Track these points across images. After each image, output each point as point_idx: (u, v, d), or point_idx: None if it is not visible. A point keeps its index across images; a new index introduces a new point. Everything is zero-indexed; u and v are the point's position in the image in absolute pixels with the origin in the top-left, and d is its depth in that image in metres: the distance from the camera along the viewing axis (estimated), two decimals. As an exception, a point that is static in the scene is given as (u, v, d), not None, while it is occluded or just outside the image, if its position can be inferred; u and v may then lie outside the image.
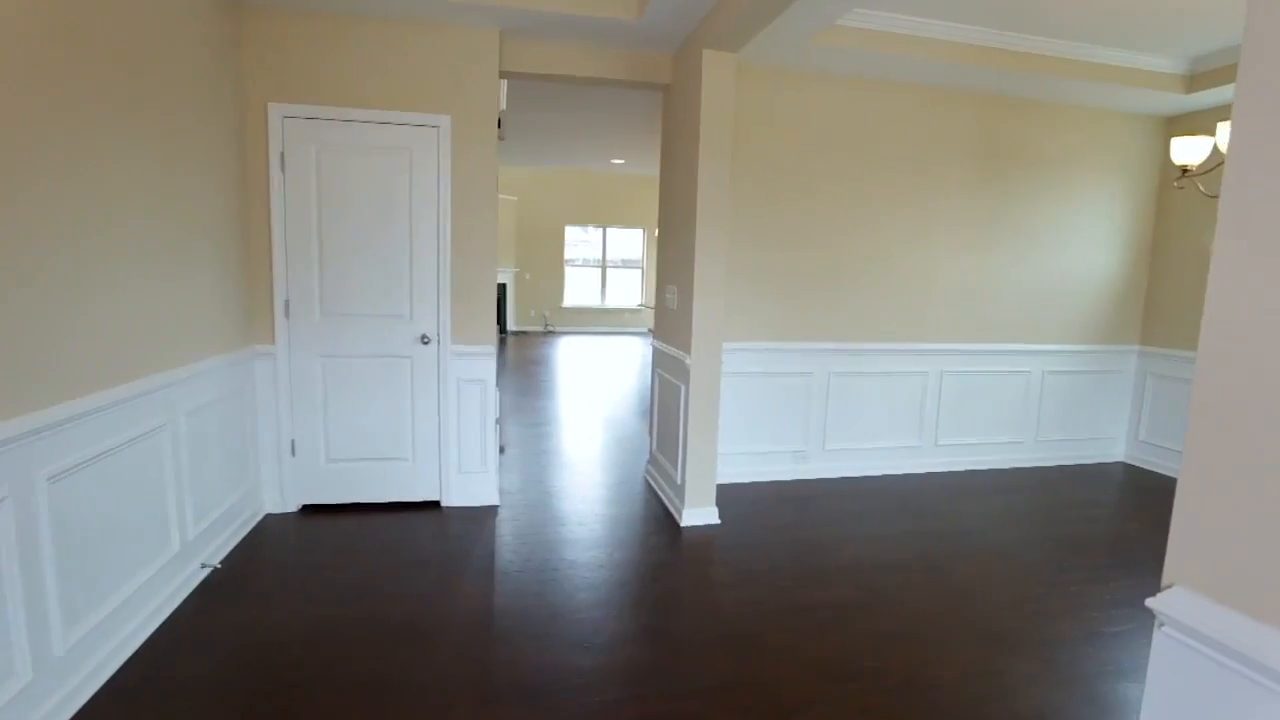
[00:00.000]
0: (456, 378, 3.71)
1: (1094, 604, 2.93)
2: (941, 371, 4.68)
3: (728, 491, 4.14)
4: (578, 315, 13.70)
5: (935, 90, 4.37)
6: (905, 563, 3.28)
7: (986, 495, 4.33)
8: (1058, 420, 5.02)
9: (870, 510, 3.97)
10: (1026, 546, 3.54)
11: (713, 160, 3.38)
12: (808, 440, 4.47)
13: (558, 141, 8.24)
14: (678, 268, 3.74)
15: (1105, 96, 4.46)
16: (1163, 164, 4.94)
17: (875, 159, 4.34)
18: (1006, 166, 4.61)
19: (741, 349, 4.23)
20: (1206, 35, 3.89)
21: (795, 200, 4.23)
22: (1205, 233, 4.68)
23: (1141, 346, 5.09)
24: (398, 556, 3.16)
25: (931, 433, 4.74)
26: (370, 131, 3.44)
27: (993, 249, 4.68)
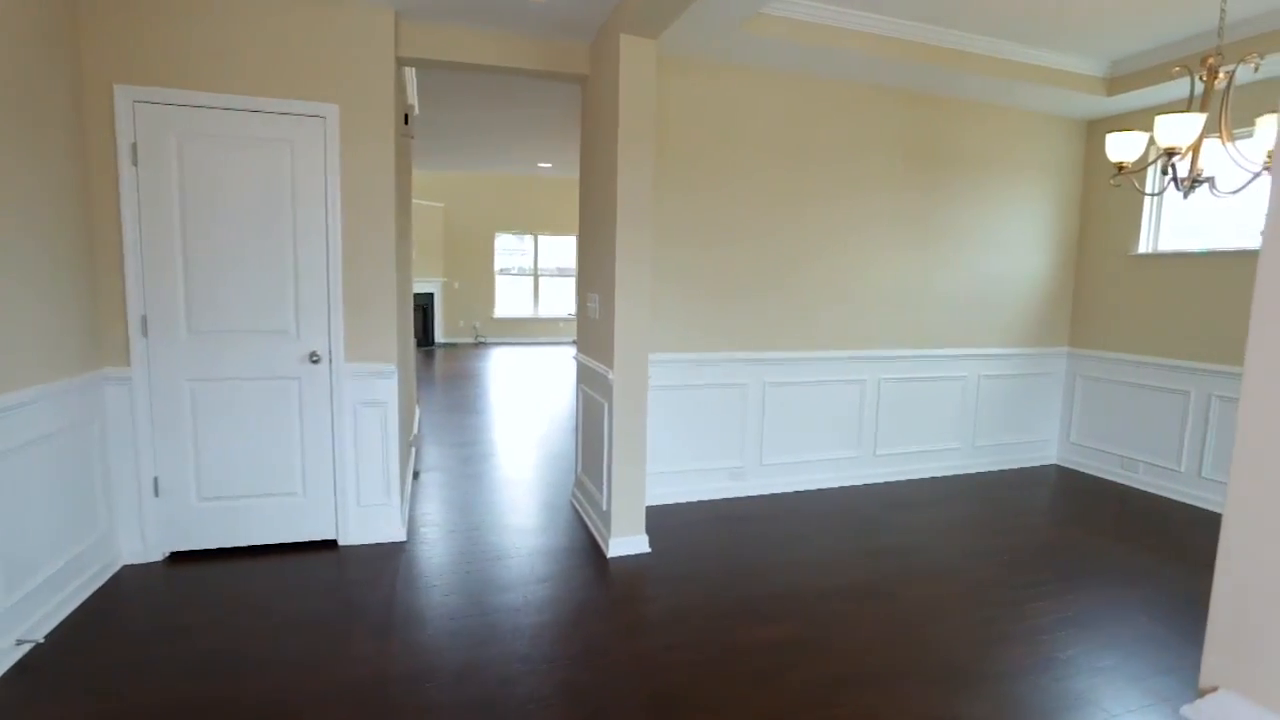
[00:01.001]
0: (353, 400, 3.29)
1: (1045, 625, 2.77)
2: (879, 379, 4.54)
3: (660, 514, 3.85)
4: (510, 325, 13.24)
5: (866, 88, 4.23)
6: (850, 589, 3.06)
7: (928, 506, 4.19)
8: (993, 425, 4.96)
9: (811, 530, 3.75)
10: (972, 561, 3.38)
11: (633, 155, 3.10)
12: (744, 455, 4.23)
13: (480, 144, 7.84)
14: (599, 274, 3.43)
15: (1031, 98, 4.42)
16: (1086, 167, 4.96)
17: (809, 160, 4.16)
18: (937, 167, 4.51)
19: (671, 360, 3.95)
20: (1126, 38, 3.87)
21: (726, 203, 3.99)
22: (1127, 234, 4.71)
23: (1070, 348, 5.10)
24: (278, 611, 2.72)
25: (870, 442, 4.58)
26: (244, 121, 3.00)
27: (927, 252, 4.57)
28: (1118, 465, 4.77)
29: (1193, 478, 4.33)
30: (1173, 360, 4.42)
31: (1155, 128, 2.54)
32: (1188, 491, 4.35)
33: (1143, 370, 4.60)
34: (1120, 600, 3.00)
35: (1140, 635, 2.72)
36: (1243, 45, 3.49)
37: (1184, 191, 2.69)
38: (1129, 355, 4.69)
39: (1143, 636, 2.71)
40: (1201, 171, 2.67)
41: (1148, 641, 2.67)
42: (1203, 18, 3.53)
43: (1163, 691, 2.35)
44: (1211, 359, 4.22)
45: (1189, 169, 2.67)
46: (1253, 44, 3.49)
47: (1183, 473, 4.38)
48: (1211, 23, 3.57)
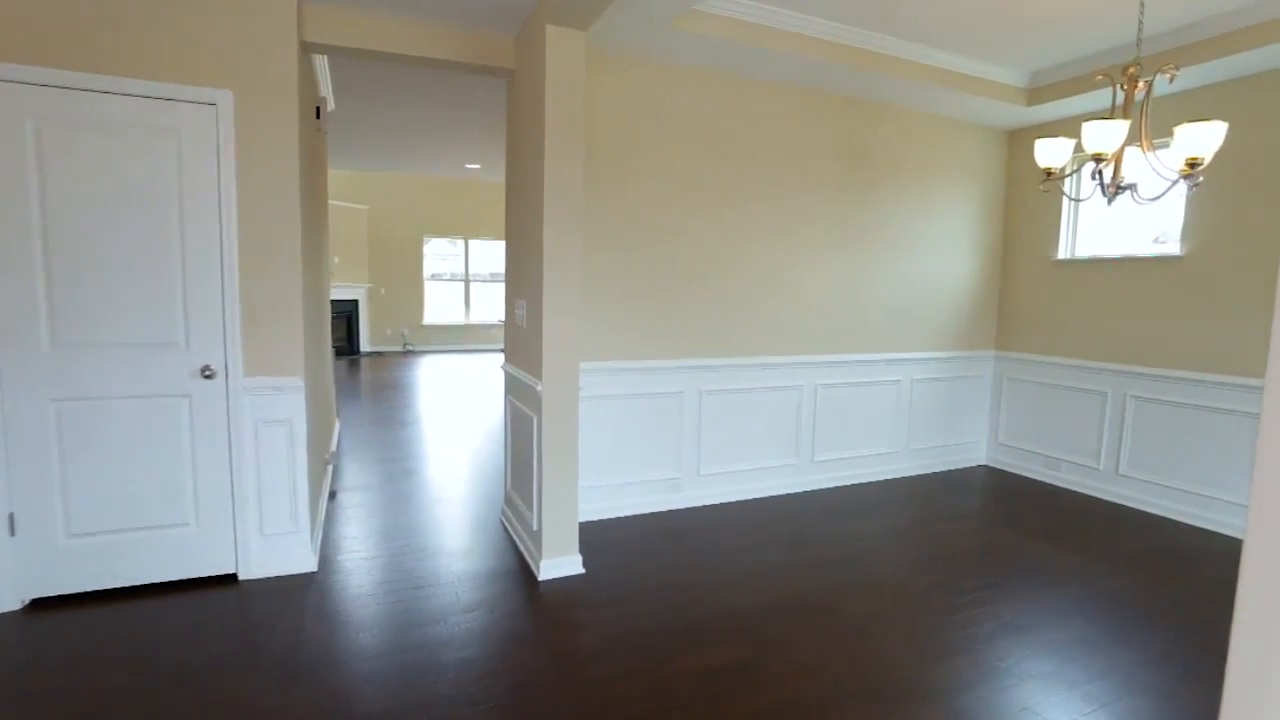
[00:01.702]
0: (254, 418, 2.97)
1: (984, 633, 2.74)
2: (816, 385, 4.50)
3: (594, 531, 3.67)
4: (440, 333, 12.78)
5: (799, 90, 4.19)
6: (790, 605, 2.96)
7: (866, 513, 4.16)
8: (926, 428, 5.02)
9: (751, 542, 3.65)
10: (911, 569, 3.35)
11: (561, 152, 2.92)
12: (681, 466, 4.11)
13: (403, 143, 7.48)
14: (526, 279, 3.23)
15: (957, 106, 4.49)
16: (1008, 174, 5.10)
17: (743, 163, 4.08)
18: (869, 172, 4.52)
19: (604, 369, 3.79)
20: (1045, 50, 3.97)
21: (659, 205, 3.87)
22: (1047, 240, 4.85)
23: (997, 351, 5.22)
24: (163, 661, 2.40)
25: (809, 449, 4.54)
26: (119, 106, 2.66)
27: (860, 256, 4.58)
28: (1042, 464, 4.90)
29: (1111, 475, 4.47)
30: (1091, 362, 4.57)
31: (1082, 134, 2.56)
32: (1107, 488, 4.49)
33: (1064, 372, 4.74)
34: (1054, 602, 3.02)
35: (1075, 637, 2.73)
36: (1158, 58, 3.62)
37: (1109, 198, 2.72)
38: (1051, 357, 4.83)
39: (1078, 639, 2.72)
40: (1124, 178, 2.72)
41: (1083, 644, 2.68)
42: (1118, 32, 3.64)
43: (1102, 697, 2.34)
44: (1126, 360, 4.38)
45: (1112, 176, 2.70)
46: (1168, 57, 3.62)
47: (1102, 470, 4.52)
48: (1125, 37, 3.69)
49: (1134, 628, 2.82)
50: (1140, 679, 2.45)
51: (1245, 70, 3.64)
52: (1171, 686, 2.41)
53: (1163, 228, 4.32)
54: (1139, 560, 3.51)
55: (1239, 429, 3.85)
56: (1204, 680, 2.44)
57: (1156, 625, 2.84)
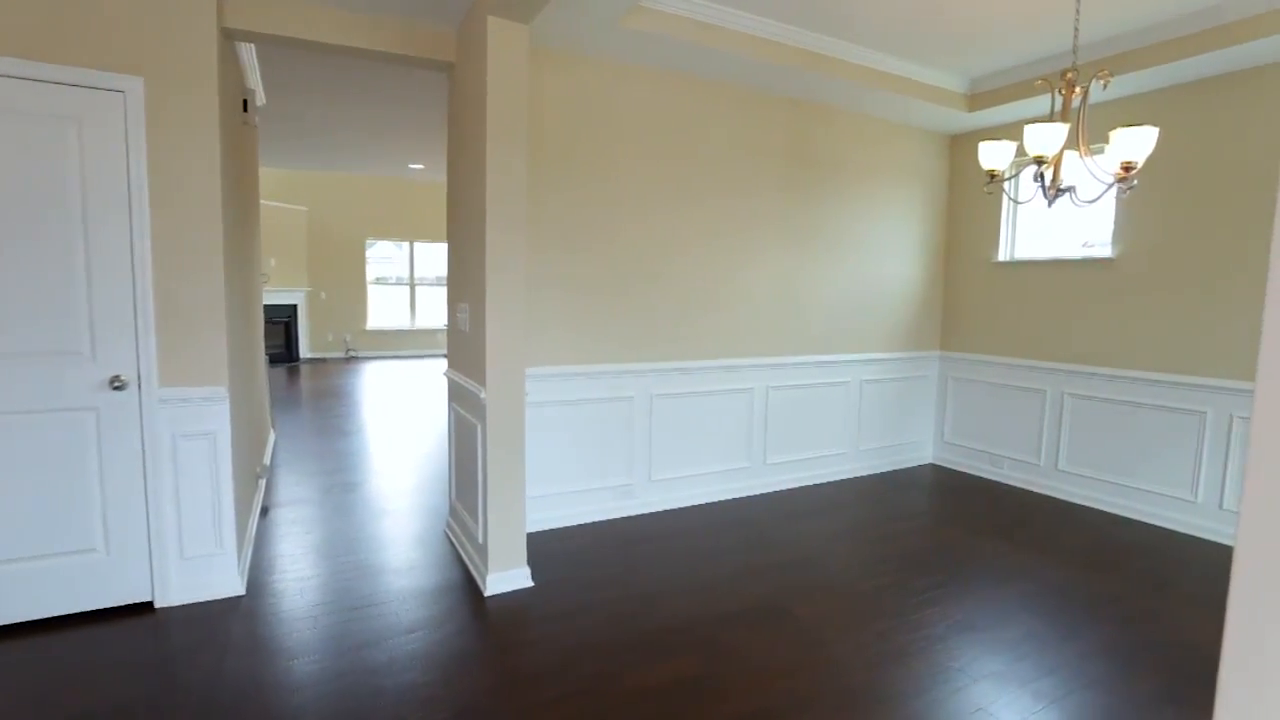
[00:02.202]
0: (172, 432, 2.75)
1: (937, 633, 2.74)
2: (767, 387, 4.49)
3: (544, 541, 3.56)
4: (384, 338, 12.39)
5: (748, 90, 4.17)
6: (746, 611, 2.91)
7: (819, 515, 4.16)
8: (875, 428, 5.07)
9: (704, 548, 3.59)
10: (864, 570, 3.34)
11: (504, 151, 2.81)
12: (632, 472, 4.02)
13: (343, 141, 7.20)
14: (468, 282, 3.10)
15: (901, 110, 4.55)
16: (950, 178, 5.20)
17: (692, 164, 4.03)
18: (817, 174, 4.54)
19: (552, 374, 3.68)
20: (985, 57, 4.05)
21: (608, 206, 3.78)
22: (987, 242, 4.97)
23: (942, 352, 5.31)
24: (64, 706, 2.17)
25: (761, 452, 4.52)
26: (8, 90, 2.42)
27: (810, 258, 4.59)
28: (986, 462, 5.00)
29: (1051, 470, 4.59)
30: (1030, 361, 4.69)
31: (1024, 136, 2.59)
32: (1047, 484, 4.61)
33: (1005, 371, 4.86)
34: (1002, 599, 3.05)
35: (1024, 634, 2.76)
36: (1094, 66, 3.72)
37: (1049, 199, 2.77)
38: (993, 357, 4.94)
39: (1026, 635, 2.75)
40: (1063, 181, 2.77)
41: (1031, 640, 2.70)
42: (1055, 42, 3.74)
43: (1051, 693, 2.36)
44: (1063, 359, 4.51)
45: (1052, 178, 2.75)
46: (1103, 65, 3.73)
47: (1042, 466, 4.64)
48: (1062, 45, 3.79)
49: (1078, 621, 2.87)
50: (1087, 672, 2.48)
51: (1173, 79, 3.79)
52: (1116, 679, 2.45)
53: (1091, 233, 4.47)
54: (1079, 553, 3.60)
55: (1167, 424, 3.99)
56: (1148, 671, 2.49)
57: (1099, 618, 2.90)
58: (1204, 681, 2.44)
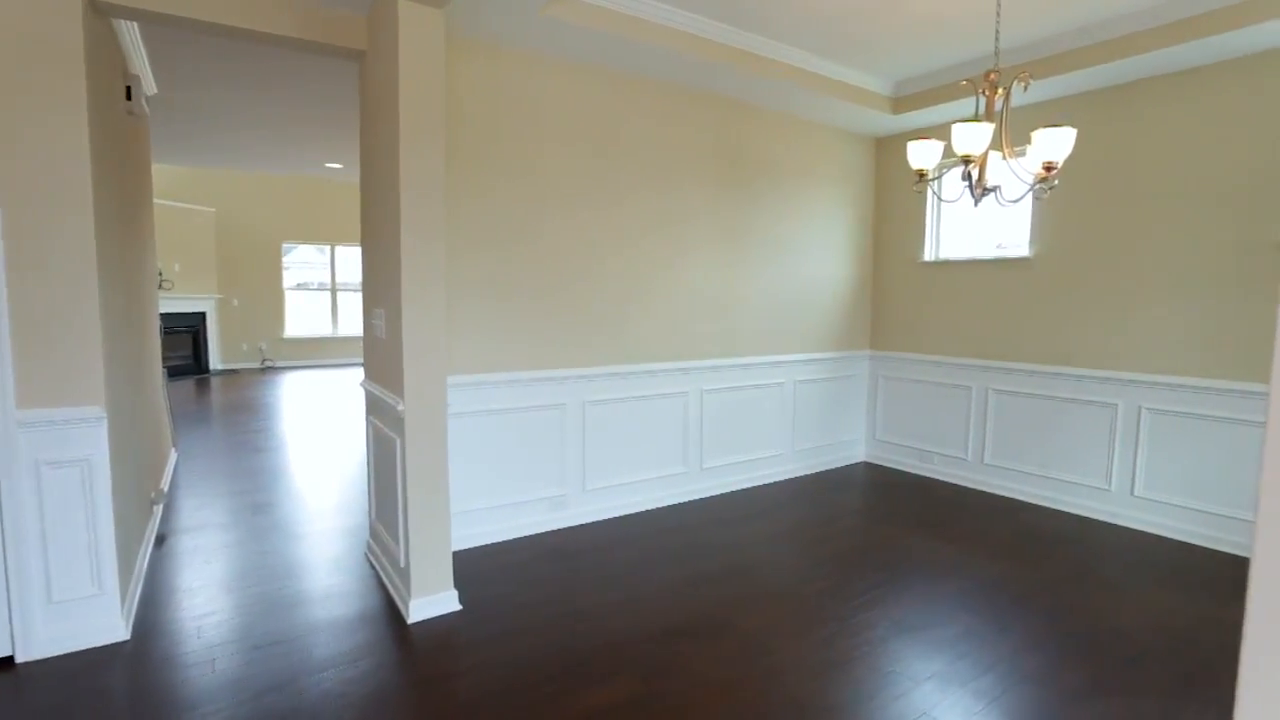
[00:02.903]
0: (34, 459, 2.42)
1: (878, 636, 2.71)
2: (702, 390, 4.41)
3: (473, 560, 3.36)
4: (304, 347, 11.76)
5: (678, 89, 4.09)
6: (688, 624, 2.80)
7: (756, 518, 4.11)
8: (810, 428, 5.08)
9: (641, 559, 3.47)
10: (804, 574, 3.30)
11: (419, 141, 2.61)
12: (565, 482, 3.87)
13: (250, 137, 6.73)
14: (384, 286, 2.88)
15: (829, 112, 4.57)
16: (877, 181, 5.28)
17: (622, 163, 3.91)
18: (749, 175, 4.51)
19: (478, 383, 3.48)
20: (908, 60, 4.10)
21: (535, 206, 3.62)
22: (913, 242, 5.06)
23: (872, 351, 5.38)
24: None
25: (697, 457, 4.44)
26: None
27: (742, 259, 4.55)
28: (916, 458, 5.09)
29: (978, 465, 4.71)
30: (956, 358, 4.80)
31: (952, 135, 2.59)
32: (975, 478, 4.72)
33: (932, 368, 4.96)
34: (939, 596, 3.06)
35: (962, 631, 2.76)
36: (1014, 70, 3.81)
37: (976, 199, 2.79)
38: (921, 355, 5.03)
39: (964, 632, 2.75)
40: (988, 181, 2.79)
41: (969, 637, 2.71)
42: (976, 46, 3.81)
43: (991, 691, 2.35)
44: (987, 356, 4.63)
45: (977, 178, 2.77)
46: (1022, 68, 3.83)
47: (969, 461, 4.76)
48: (981, 50, 3.87)
49: (1011, 615, 2.90)
50: (1023, 667, 2.49)
51: (1087, 85, 3.92)
52: (1049, 671, 2.47)
53: (1004, 234, 4.61)
54: (1008, 546, 3.67)
55: (1083, 416, 4.14)
56: (1078, 661, 2.52)
57: (1030, 610, 2.94)
58: (1128, 668, 2.48)
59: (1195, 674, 2.47)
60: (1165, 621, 2.86)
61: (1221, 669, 2.50)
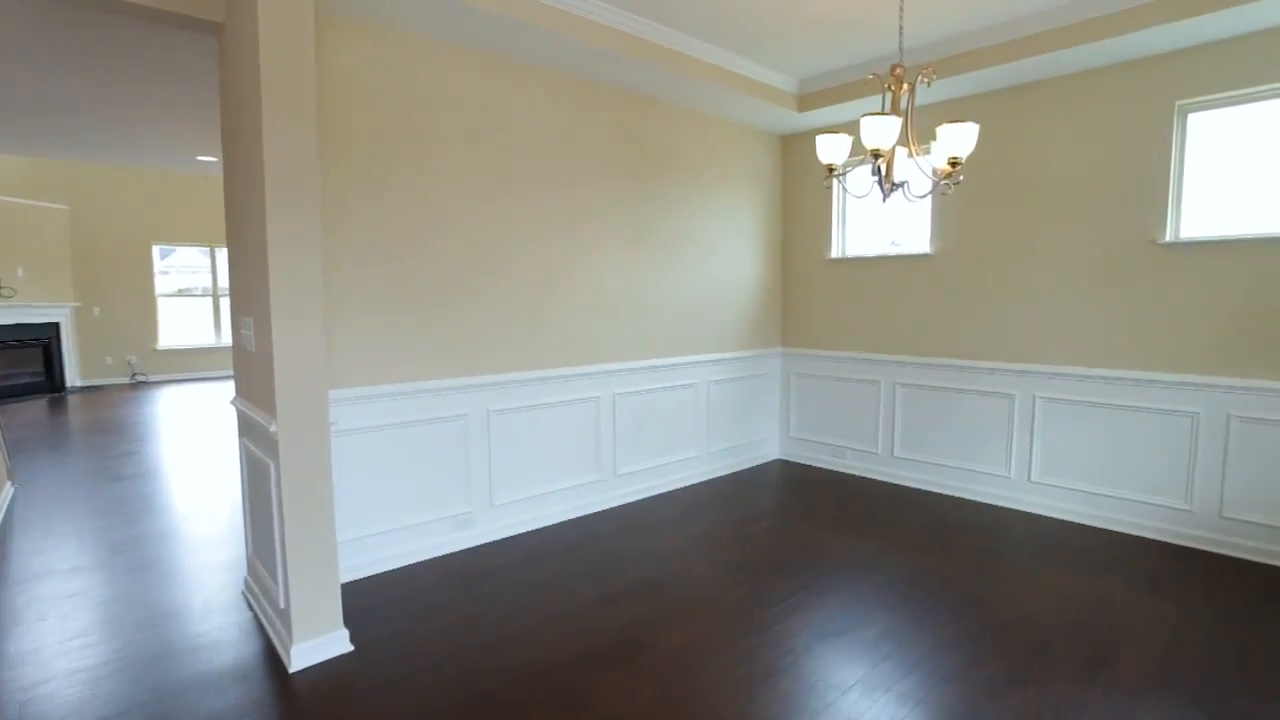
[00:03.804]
0: None
1: (801, 644, 2.63)
2: (613, 394, 4.25)
3: (368, 590, 3.05)
4: (182, 358, 10.73)
5: (582, 80, 3.90)
6: (604, 648, 2.62)
7: (674, 524, 3.99)
8: (724, 429, 5.02)
9: (555, 577, 3.27)
10: (724, 582, 3.20)
11: (286, 127, 2.30)
12: (471, 499, 3.60)
13: (104, 124, 5.99)
14: (252, 289, 2.54)
15: (736, 108, 4.52)
16: (784, 178, 5.29)
17: (526, 158, 3.68)
18: (658, 173, 4.39)
19: (369, 395, 3.17)
20: (812, 58, 4.10)
21: (430, 203, 3.34)
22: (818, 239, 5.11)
23: (783, 348, 5.40)
24: None
25: (611, 463, 4.27)
26: None
27: (652, 258, 4.42)
28: (829, 454, 5.14)
29: (888, 458, 4.80)
30: (864, 354, 4.87)
31: (861, 128, 2.55)
32: (886, 471, 4.81)
33: (842, 364, 5.01)
34: (857, 597, 3.03)
35: (882, 631, 2.73)
36: (918, 68, 3.85)
37: (885, 193, 2.77)
38: (830, 351, 5.08)
39: (885, 632, 2.72)
40: (896, 176, 2.78)
41: (890, 638, 2.68)
42: (879, 45, 3.84)
43: (915, 694, 2.31)
44: (893, 350, 4.72)
45: (885, 173, 2.75)
46: (926, 66, 3.88)
47: (879, 454, 4.84)
48: (884, 50, 3.91)
49: (928, 610, 2.90)
50: (943, 665, 2.48)
51: (985, 86, 4.03)
52: (969, 666, 2.46)
53: (907, 233, 4.71)
54: (920, 538, 3.72)
55: (983, 407, 4.28)
56: (993, 654, 2.53)
57: (945, 603, 2.95)
58: (1039, 656, 2.52)
59: (1097, 657, 2.53)
60: (1067, 604, 2.95)
61: (1119, 650, 2.57)
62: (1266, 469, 3.35)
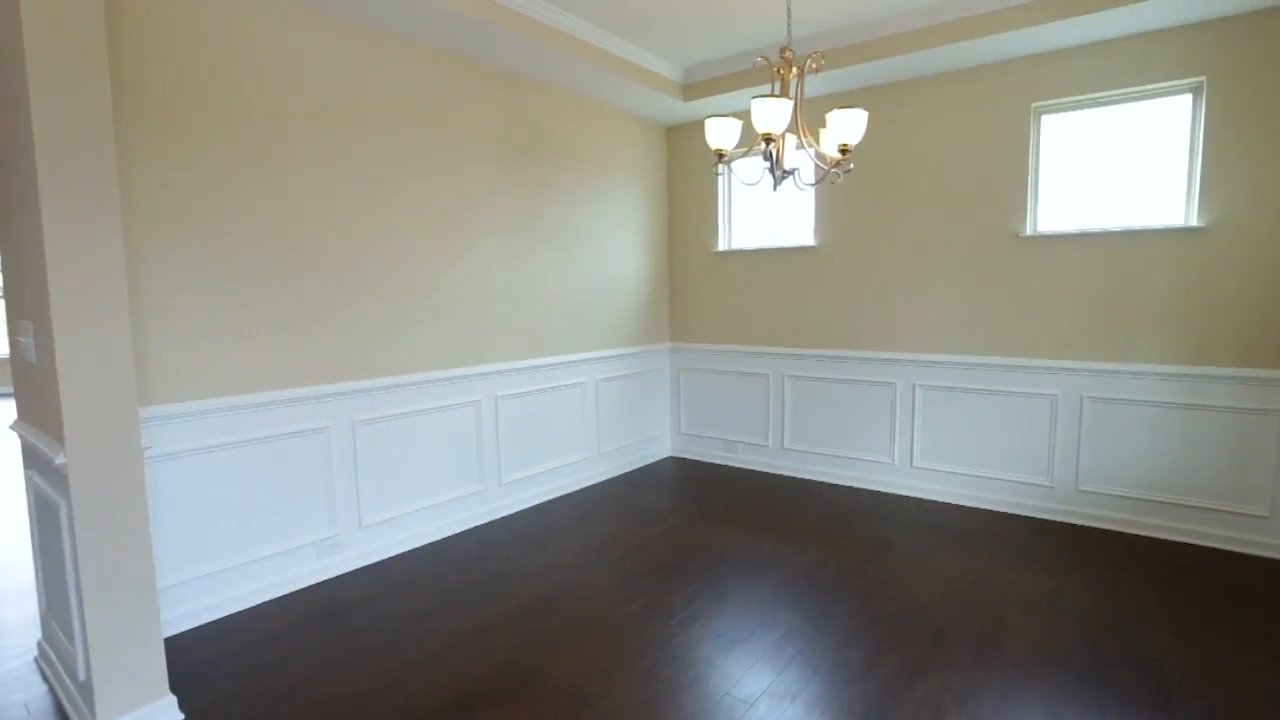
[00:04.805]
0: None
1: (704, 656, 2.49)
2: (495, 397, 3.94)
3: (208, 640, 2.59)
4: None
5: (457, 59, 3.55)
6: (490, 680, 2.35)
7: (564, 533, 3.75)
8: (614, 428, 4.84)
9: (434, 604, 2.94)
10: (620, 593, 3.00)
11: (61, 79, 1.83)
12: (336, 521, 3.19)
13: None
14: (28, 288, 2.03)
15: (621, 95, 4.33)
16: (670, 170, 5.17)
17: (396, 140, 3.29)
18: (540, 161, 4.11)
19: (204, 411, 2.69)
20: (697, 45, 3.99)
21: (279, 190, 2.88)
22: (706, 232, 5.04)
23: (673, 343, 5.29)
24: None
25: (495, 471, 3.96)
26: None
27: (535, 251, 4.14)
28: (722, 448, 5.10)
29: (779, 450, 4.81)
30: (752, 347, 4.85)
31: (751, 111, 2.42)
32: (778, 463, 4.82)
33: (732, 358, 4.97)
34: (758, 597, 2.94)
35: (785, 633, 2.64)
36: (806, 56, 3.82)
37: (776, 180, 2.67)
38: (720, 345, 5.03)
39: (787, 634, 2.64)
40: (786, 164, 2.69)
41: (792, 639, 2.60)
42: (764, 36, 3.78)
43: (822, 698, 2.23)
44: (780, 343, 4.73)
45: (776, 160, 2.65)
46: (814, 53, 3.85)
47: (771, 447, 4.84)
48: (769, 41, 3.85)
49: (827, 605, 2.86)
50: (846, 663, 2.42)
51: (867, 81, 4.09)
52: (870, 662, 2.42)
53: (792, 225, 4.74)
54: (814, 530, 3.72)
55: (867, 396, 4.38)
56: (892, 645, 2.51)
57: (842, 596, 2.93)
58: (934, 645, 2.53)
59: (988, 638, 2.58)
60: (954, 587, 3.01)
61: (1006, 629, 2.64)
62: (1113, 444, 3.62)
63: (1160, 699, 2.20)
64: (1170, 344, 3.45)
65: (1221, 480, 3.38)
